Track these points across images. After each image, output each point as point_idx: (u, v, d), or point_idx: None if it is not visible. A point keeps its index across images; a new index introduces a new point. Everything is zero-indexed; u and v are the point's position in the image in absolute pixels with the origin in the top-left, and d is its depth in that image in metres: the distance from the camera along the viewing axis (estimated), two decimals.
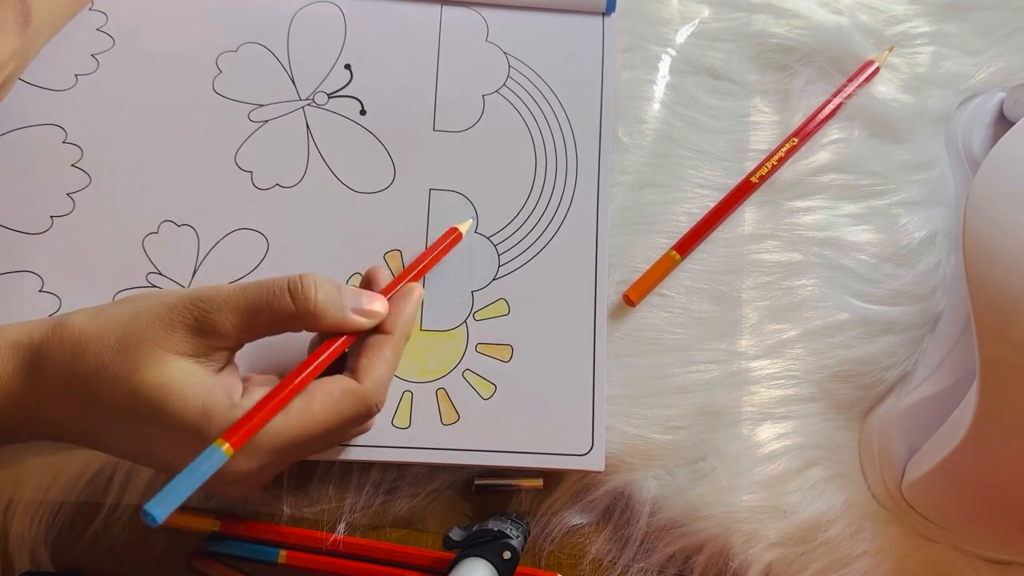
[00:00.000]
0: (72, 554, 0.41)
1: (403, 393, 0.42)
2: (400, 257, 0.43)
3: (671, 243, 0.46)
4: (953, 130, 0.49)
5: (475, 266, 0.44)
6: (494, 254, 0.44)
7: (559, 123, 0.46)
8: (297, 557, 0.41)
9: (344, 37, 0.46)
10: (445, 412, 0.42)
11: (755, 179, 0.47)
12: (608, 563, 0.43)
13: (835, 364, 0.45)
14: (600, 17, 0.47)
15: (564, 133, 0.46)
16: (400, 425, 0.41)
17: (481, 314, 0.43)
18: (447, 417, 0.42)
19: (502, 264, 0.44)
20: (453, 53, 0.46)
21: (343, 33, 0.46)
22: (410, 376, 0.42)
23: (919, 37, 0.51)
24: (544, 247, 0.44)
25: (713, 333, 0.45)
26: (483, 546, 0.40)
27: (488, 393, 0.42)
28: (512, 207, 0.45)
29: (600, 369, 0.43)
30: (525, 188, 0.45)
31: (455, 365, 0.42)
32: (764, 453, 0.44)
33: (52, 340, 0.33)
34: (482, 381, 0.42)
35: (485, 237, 0.44)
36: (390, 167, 0.45)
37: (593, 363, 0.43)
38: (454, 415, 0.42)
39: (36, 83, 0.44)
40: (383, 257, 0.43)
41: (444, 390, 0.42)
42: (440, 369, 0.42)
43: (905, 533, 0.44)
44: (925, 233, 0.47)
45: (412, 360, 0.42)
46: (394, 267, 0.43)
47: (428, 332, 0.43)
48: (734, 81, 0.49)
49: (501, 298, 0.44)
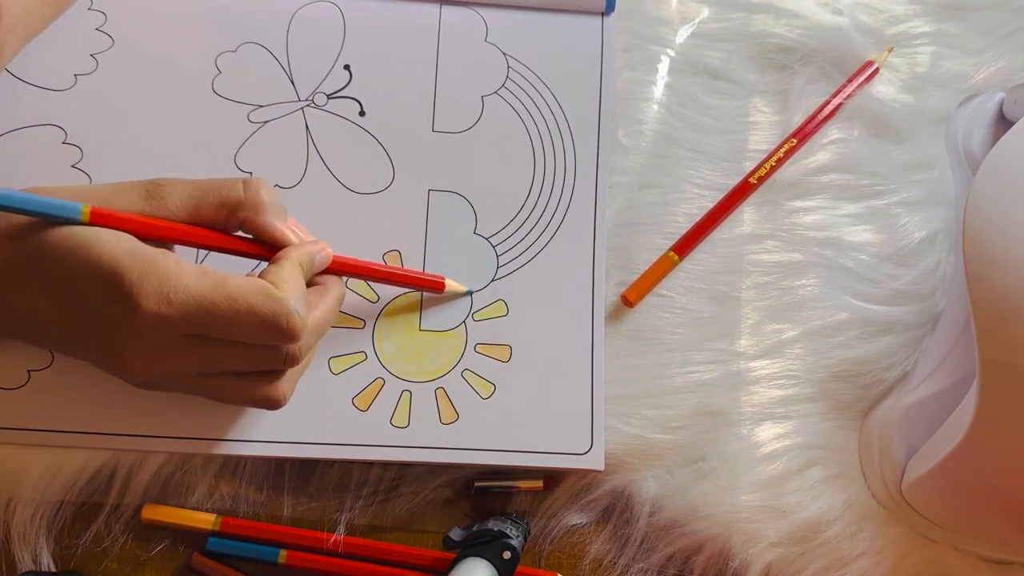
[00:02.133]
0: (72, 554, 0.41)
1: (402, 392, 0.42)
2: (399, 257, 0.43)
3: (670, 244, 0.46)
4: (953, 130, 0.49)
5: (474, 267, 0.44)
6: (493, 255, 0.44)
7: (558, 124, 0.46)
8: (297, 557, 0.41)
9: (343, 37, 0.46)
10: (444, 411, 0.42)
11: (754, 180, 0.47)
12: (608, 563, 0.43)
13: (835, 364, 0.45)
14: (600, 17, 0.47)
15: (563, 134, 0.46)
16: (399, 424, 0.41)
17: (480, 315, 0.43)
18: (446, 416, 0.42)
19: (501, 265, 0.44)
20: (452, 54, 0.46)
21: (342, 33, 0.46)
22: (409, 376, 0.42)
23: (919, 37, 0.51)
24: (543, 248, 0.44)
25: (713, 333, 0.45)
26: (483, 546, 0.40)
27: (487, 393, 0.42)
28: (511, 208, 0.45)
29: (598, 368, 0.43)
30: (524, 189, 0.45)
31: (454, 365, 0.43)
32: (764, 453, 0.44)
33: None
34: (481, 381, 0.42)
35: (484, 238, 0.44)
36: (389, 168, 0.45)
37: (591, 362, 0.43)
38: (453, 414, 0.42)
39: (35, 83, 0.44)
40: (382, 257, 0.43)
41: (443, 389, 0.42)
42: (439, 369, 0.42)
43: (905, 533, 0.44)
44: (925, 233, 0.47)
45: (411, 359, 0.42)
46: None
47: (427, 332, 0.43)
48: (734, 81, 0.49)
49: (500, 299, 0.44)
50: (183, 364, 0.35)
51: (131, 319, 0.33)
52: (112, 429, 0.40)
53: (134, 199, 0.35)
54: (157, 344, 0.34)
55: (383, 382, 0.42)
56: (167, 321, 0.33)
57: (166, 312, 0.33)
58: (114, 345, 0.34)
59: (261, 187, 0.37)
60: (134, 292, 0.33)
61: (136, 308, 0.33)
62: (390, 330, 0.43)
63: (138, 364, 0.34)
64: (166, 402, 0.39)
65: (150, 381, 0.36)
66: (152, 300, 0.33)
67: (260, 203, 0.36)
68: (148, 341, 0.34)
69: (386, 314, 0.43)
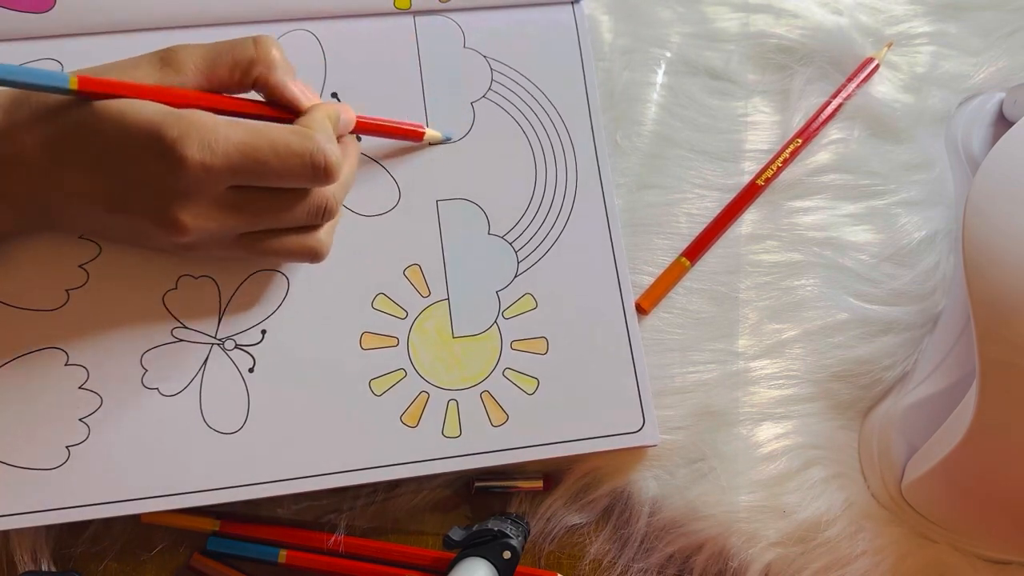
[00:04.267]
0: (72, 554, 0.41)
1: (448, 402, 0.41)
2: (420, 271, 0.43)
3: (673, 244, 0.46)
4: (953, 130, 0.49)
5: (495, 267, 0.44)
6: (511, 252, 0.44)
7: (549, 116, 0.46)
8: (297, 557, 0.41)
9: (324, 65, 0.45)
10: (493, 414, 0.42)
11: (761, 182, 0.47)
12: (608, 563, 0.43)
13: (835, 364, 0.45)
14: (570, 6, 0.48)
15: (556, 124, 0.46)
16: (451, 435, 0.41)
17: (510, 312, 0.43)
18: (496, 418, 0.41)
19: (521, 260, 0.44)
20: (435, 65, 0.46)
21: (323, 61, 0.45)
22: (451, 385, 0.42)
23: (919, 37, 0.51)
24: (559, 236, 0.44)
25: (712, 333, 0.45)
26: (483, 546, 0.40)
27: (532, 388, 0.42)
28: (520, 204, 0.45)
29: (636, 343, 0.43)
30: (529, 184, 0.45)
31: (494, 366, 0.42)
32: (764, 453, 0.44)
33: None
34: (524, 377, 0.42)
35: (499, 237, 0.44)
36: (394, 186, 0.44)
37: (629, 339, 0.43)
38: (503, 415, 0.42)
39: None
40: (403, 273, 0.43)
41: (488, 392, 0.42)
42: (480, 373, 0.42)
43: (905, 533, 0.44)
44: (925, 233, 0.47)
45: (451, 368, 0.42)
46: (415, 281, 0.43)
47: (461, 339, 0.42)
48: (734, 81, 0.49)
49: (527, 293, 0.43)
50: (228, 221, 0.36)
51: (177, 173, 0.33)
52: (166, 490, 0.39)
53: (150, 69, 0.36)
54: (204, 198, 0.35)
55: (428, 395, 0.41)
56: (212, 171, 0.34)
57: (210, 162, 0.34)
58: (162, 204, 0.35)
59: (272, 44, 0.37)
60: (177, 146, 0.33)
61: (181, 161, 0.33)
62: (425, 342, 0.42)
63: (187, 219, 0.35)
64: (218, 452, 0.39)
65: (194, 243, 0.36)
66: (196, 151, 0.33)
67: (272, 60, 0.37)
68: (195, 195, 0.35)
69: (417, 328, 0.42)
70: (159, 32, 0.44)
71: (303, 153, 0.35)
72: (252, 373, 0.41)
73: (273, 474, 0.39)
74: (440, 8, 0.47)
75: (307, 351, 0.41)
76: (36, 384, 0.39)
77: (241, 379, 0.41)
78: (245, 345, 0.41)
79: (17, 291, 0.40)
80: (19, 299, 0.40)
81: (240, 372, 0.41)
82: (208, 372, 0.40)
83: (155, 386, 0.40)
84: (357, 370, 0.41)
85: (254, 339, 0.41)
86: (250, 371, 0.41)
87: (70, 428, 0.39)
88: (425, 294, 0.43)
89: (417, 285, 0.43)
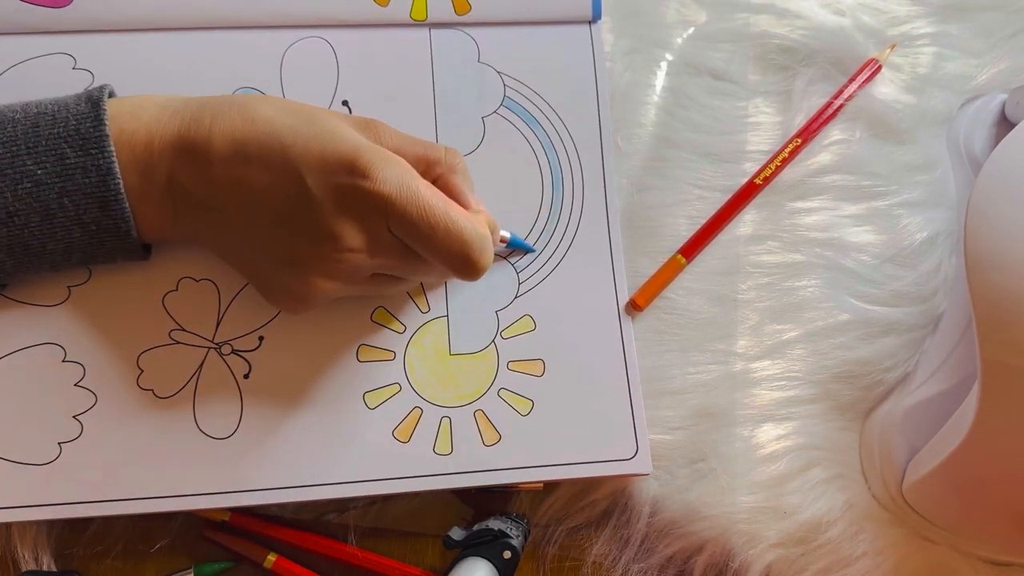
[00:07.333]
0: (72, 553, 0.41)
1: (441, 419, 0.41)
2: (421, 287, 0.43)
3: (673, 246, 0.46)
4: (955, 131, 0.49)
5: (496, 287, 0.44)
6: (513, 272, 0.44)
7: (560, 136, 0.46)
8: (284, 566, 0.41)
9: (337, 73, 0.45)
10: (486, 433, 0.41)
11: (759, 181, 0.47)
12: (608, 564, 0.43)
13: (836, 365, 0.45)
14: (587, 26, 0.47)
15: (566, 145, 0.46)
16: (442, 452, 0.41)
17: (508, 332, 0.43)
18: (488, 438, 0.41)
19: (522, 281, 0.44)
20: (448, 78, 0.46)
21: (335, 68, 0.45)
22: (446, 402, 0.42)
23: (921, 38, 0.51)
24: (562, 259, 0.44)
25: (713, 334, 0.45)
26: (483, 546, 0.40)
27: (526, 409, 0.42)
28: (525, 224, 0.44)
29: (633, 371, 0.43)
30: (535, 204, 0.45)
31: (489, 385, 0.42)
32: (764, 454, 0.44)
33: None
34: (518, 398, 0.42)
35: (502, 257, 0.44)
36: None
37: (625, 366, 0.43)
38: (495, 435, 0.41)
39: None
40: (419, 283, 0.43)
41: (482, 411, 0.42)
42: (475, 391, 0.42)
43: (906, 534, 0.44)
44: (926, 234, 0.47)
45: (446, 385, 0.42)
46: (415, 296, 0.43)
47: (458, 356, 0.42)
48: (735, 82, 0.49)
49: (526, 315, 0.43)
50: (378, 255, 0.36)
51: (365, 190, 0.34)
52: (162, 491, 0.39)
53: (354, 127, 0.37)
54: (371, 229, 0.35)
55: (421, 411, 0.41)
56: (394, 207, 0.34)
57: (397, 197, 0.34)
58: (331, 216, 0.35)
59: (459, 155, 0.40)
60: (373, 170, 0.34)
61: (375, 183, 0.34)
62: (421, 358, 0.42)
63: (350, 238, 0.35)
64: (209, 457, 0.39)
65: (339, 270, 0.36)
66: (392, 185, 0.34)
67: (455, 165, 0.39)
68: (366, 220, 0.35)
69: (414, 343, 0.42)
70: (175, 33, 0.44)
71: (466, 241, 0.36)
72: (247, 379, 0.40)
73: (261, 483, 0.39)
74: (456, 22, 0.46)
75: (303, 360, 0.41)
76: (33, 379, 0.39)
77: (236, 385, 0.40)
78: (242, 351, 0.41)
79: (18, 285, 0.40)
80: (20, 293, 0.40)
81: (235, 377, 0.40)
82: (203, 376, 0.40)
83: (150, 387, 0.40)
84: (352, 382, 0.41)
85: (251, 345, 0.41)
86: (245, 377, 0.41)
87: (63, 424, 0.39)
88: (425, 310, 0.43)
89: (417, 301, 0.43)
